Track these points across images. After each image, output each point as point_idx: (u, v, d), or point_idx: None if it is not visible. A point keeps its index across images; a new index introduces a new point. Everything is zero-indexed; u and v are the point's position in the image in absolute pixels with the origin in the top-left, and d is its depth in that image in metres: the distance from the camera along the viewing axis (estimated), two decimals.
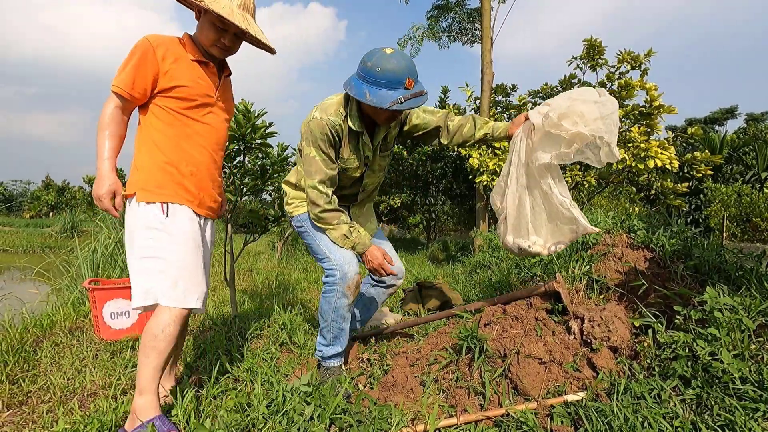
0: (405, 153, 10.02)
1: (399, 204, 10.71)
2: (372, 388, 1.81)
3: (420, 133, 1.99)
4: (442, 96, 10.43)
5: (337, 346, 1.89)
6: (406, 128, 1.98)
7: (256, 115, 2.75)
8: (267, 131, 2.78)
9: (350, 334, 2.07)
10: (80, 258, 4.40)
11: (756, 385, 1.27)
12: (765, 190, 10.56)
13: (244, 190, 2.86)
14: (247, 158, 2.94)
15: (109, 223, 5.23)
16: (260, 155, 2.98)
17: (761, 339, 1.39)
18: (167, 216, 1.53)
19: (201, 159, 1.64)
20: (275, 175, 2.88)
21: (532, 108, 2.31)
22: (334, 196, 1.87)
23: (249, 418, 1.46)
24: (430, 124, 1.96)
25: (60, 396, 1.89)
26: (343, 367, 1.97)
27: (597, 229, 1.73)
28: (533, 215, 1.77)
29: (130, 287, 2.65)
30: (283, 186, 2.09)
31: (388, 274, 1.93)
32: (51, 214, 27.88)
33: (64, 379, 2.06)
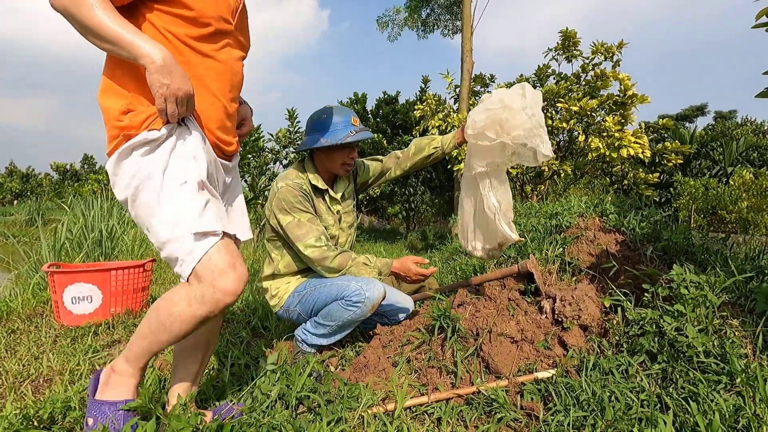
0: (385, 143, 9.95)
1: (378, 194, 10.67)
2: (344, 370, 1.78)
3: (372, 179, 2.15)
4: (423, 86, 10.38)
5: (324, 341, 1.85)
6: (359, 179, 2.13)
7: None
8: None
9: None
10: (44, 243, 4.20)
11: (719, 358, 1.29)
12: (730, 183, 10.97)
13: None
14: None
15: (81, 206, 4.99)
16: None
17: (725, 314, 1.42)
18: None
19: (211, 113, 1.20)
20: (248, 156, 2.79)
21: None
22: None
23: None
24: (377, 169, 2.13)
25: (13, 382, 1.79)
26: (317, 354, 1.93)
27: (519, 238, 1.75)
28: (473, 221, 1.82)
29: (91, 271, 2.57)
30: (262, 285, 2.01)
31: (428, 276, 1.85)
32: (15, 202, 26.71)
33: (18, 365, 1.95)
